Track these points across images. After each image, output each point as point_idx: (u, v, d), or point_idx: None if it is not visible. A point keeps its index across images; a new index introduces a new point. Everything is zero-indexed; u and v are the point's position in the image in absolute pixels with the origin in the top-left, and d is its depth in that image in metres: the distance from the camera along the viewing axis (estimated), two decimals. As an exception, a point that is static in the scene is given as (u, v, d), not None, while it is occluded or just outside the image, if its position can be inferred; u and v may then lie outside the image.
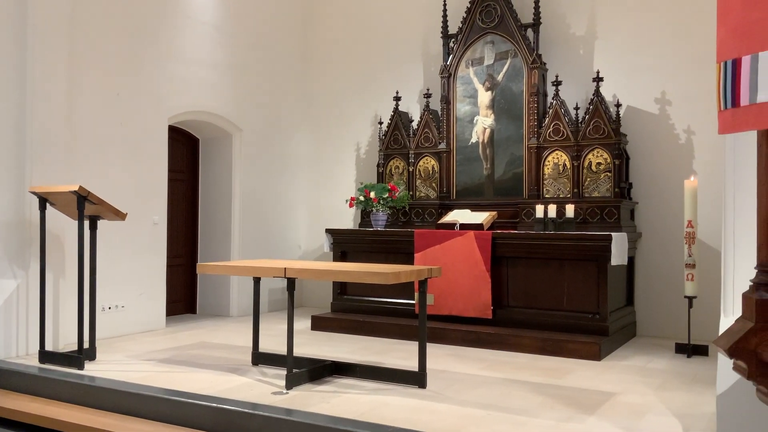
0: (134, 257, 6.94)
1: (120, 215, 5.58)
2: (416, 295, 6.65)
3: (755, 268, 2.42)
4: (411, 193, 7.97)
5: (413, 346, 5.72)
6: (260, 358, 5.54)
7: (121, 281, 6.79)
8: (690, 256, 6.03)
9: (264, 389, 4.72)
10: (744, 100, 2.27)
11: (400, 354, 5.98)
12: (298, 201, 9.31)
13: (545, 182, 7.18)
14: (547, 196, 7.16)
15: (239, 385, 4.83)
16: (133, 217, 6.62)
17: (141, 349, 6.16)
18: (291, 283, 4.75)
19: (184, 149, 8.38)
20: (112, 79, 6.77)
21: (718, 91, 2.40)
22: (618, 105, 6.89)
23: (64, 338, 6.03)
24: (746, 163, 3.41)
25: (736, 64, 2.30)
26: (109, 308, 6.70)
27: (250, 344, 5.79)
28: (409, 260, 7.03)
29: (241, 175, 8.38)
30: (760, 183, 2.39)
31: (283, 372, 4.93)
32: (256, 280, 5.50)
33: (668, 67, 7.00)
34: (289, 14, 9.17)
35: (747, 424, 3.39)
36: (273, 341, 6.44)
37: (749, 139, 3.16)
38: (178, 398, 4.34)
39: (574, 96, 7.30)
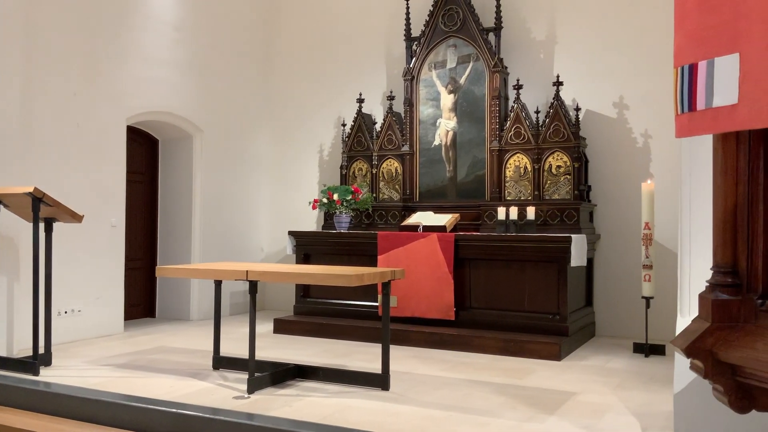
0: (91, 260, 6.79)
1: (76, 217, 5.45)
2: (379, 297, 6.64)
3: (711, 269, 2.47)
4: (374, 195, 7.97)
5: (376, 349, 5.71)
6: (221, 362, 5.47)
7: (77, 285, 6.64)
8: (647, 257, 6.15)
9: (225, 394, 4.66)
10: (700, 104, 2.32)
11: (364, 356, 5.97)
12: (260, 203, 9.23)
13: (507, 185, 7.25)
14: (508, 198, 7.23)
15: (200, 390, 4.76)
16: (90, 219, 6.47)
17: (98, 354, 6.03)
18: (253, 286, 4.71)
19: (144, 150, 8.23)
20: (69, 79, 6.63)
21: (675, 95, 2.44)
22: (577, 109, 6.99)
23: (18, 343, 5.86)
24: (702, 167, 3.48)
25: (693, 69, 2.34)
26: (66, 312, 6.54)
27: (211, 348, 5.71)
28: (373, 262, 7.02)
29: (201, 177, 8.26)
30: (716, 186, 2.43)
31: (245, 376, 4.88)
32: (218, 283, 5.44)
33: (626, 72, 7.14)
34: (252, 15, 9.10)
35: (703, 422, 3.46)
36: (234, 345, 6.37)
37: (705, 142, 3.23)
38: (136, 404, 4.23)
39: (535, 100, 7.38)
